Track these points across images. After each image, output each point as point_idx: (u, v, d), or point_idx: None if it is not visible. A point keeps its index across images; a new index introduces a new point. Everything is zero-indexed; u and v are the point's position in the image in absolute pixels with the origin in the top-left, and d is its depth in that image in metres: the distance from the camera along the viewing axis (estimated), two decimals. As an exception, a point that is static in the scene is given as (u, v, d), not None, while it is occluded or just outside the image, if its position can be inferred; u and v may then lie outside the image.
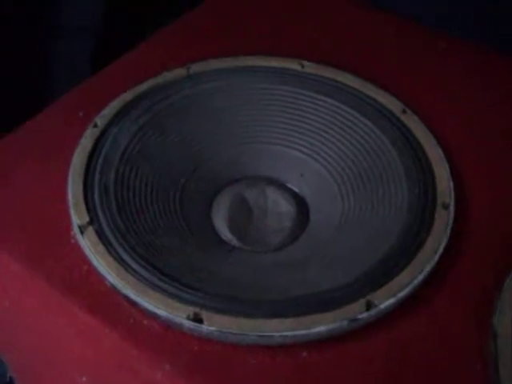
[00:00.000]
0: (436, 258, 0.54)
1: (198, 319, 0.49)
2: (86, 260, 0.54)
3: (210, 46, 0.76)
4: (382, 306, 0.50)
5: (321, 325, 0.49)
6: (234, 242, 0.62)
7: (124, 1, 1.10)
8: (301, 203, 0.66)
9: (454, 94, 0.72)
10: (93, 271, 0.54)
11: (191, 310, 0.49)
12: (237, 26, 0.81)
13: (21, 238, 0.57)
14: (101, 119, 0.65)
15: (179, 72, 0.71)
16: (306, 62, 0.71)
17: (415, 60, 0.77)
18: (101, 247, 0.54)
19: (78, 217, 0.56)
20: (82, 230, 0.55)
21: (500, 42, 0.77)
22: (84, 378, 0.59)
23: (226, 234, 0.63)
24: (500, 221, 0.59)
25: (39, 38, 1.04)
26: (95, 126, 0.64)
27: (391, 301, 0.50)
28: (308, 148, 0.67)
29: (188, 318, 0.49)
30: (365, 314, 0.49)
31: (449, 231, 0.56)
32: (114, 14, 1.07)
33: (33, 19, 1.01)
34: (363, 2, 0.85)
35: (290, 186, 0.67)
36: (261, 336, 0.48)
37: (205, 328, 0.49)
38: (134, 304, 0.51)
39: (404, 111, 0.66)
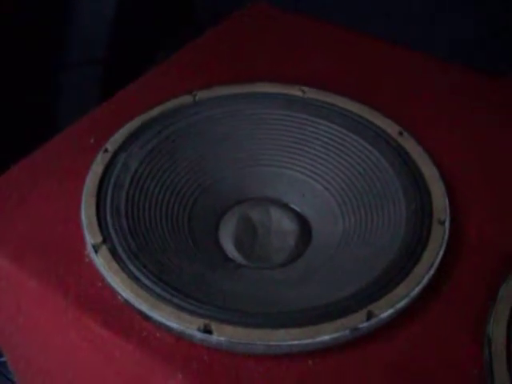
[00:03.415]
0: (432, 271, 0.56)
1: (207, 330, 0.51)
2: (100, 277, 0.56)
3: (214, 73, 0.78)
4: (382, 316, 0.52)
5: (325, 334, 0.50)
6: (240, 259, 0.64)
7: (131, 31, 1.12)
8: (303, 222, 0.67)
9: (448, 117, 0.74)
10: (107, 287, 0.55)
11: (201, 321, 0.51)
12: (239, 55, 0.83)
13: (37, 257, 0.58)
14: (111, 144, 0.67)
15: (186, 99, 0.73)
16: (306, 88, 0.74)
17: (411, 85, 0.79)
18: (114, 265, 0.56)
19: (91, 236, 0.58)
20: (95, 248, 0.57)
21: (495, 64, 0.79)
22: (98, 392, 0.61)
23: (232, 252, 0.64)
24: (493, 236, 0.61)
25: (50, 69, 1.06)
26: (106, 151, 0.66)
27: (390, 311, 0.52)
28: (309, 170, 0.69)
29: (199, 329, 0.51)
30: (366, 324, 0.51)
31: (444, 246, 0.58)
32: (121, 44, 1.10)
33: (43, 51, 1.04)
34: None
35: (292, 206, 0.69)
36: (268, 345, 0.50)
37: (214, 338, 0.50)
38: (146, 318, 0.53)
39: (401, 133, 0.68)
